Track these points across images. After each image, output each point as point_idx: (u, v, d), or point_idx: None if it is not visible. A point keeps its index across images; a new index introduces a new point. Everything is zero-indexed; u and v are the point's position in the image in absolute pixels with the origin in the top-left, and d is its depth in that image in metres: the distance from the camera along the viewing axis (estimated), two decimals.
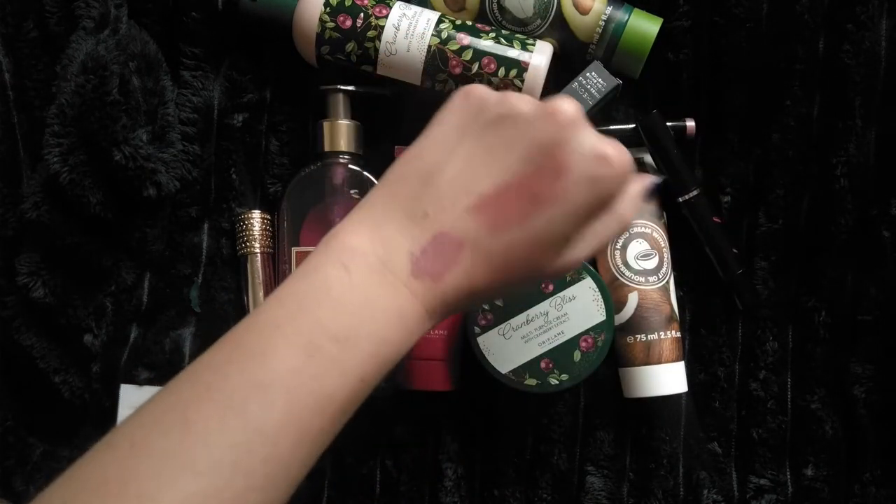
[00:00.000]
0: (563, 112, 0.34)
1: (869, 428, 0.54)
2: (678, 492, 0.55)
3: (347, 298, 0.33)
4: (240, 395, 0.31)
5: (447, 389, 0.53)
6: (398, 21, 0.50)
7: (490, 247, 0.34)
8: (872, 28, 0.52)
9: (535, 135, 0.34)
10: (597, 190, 0.34)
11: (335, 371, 0.32)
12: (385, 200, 0.35)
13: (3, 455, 0.54)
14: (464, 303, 0.36)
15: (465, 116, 0.35)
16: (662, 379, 0.52)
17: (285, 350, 0.32)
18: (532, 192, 0.34)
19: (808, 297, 0.55)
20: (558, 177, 0.33)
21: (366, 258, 0.34)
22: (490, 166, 0.34)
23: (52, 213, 0.50)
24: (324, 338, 0.32)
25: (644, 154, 0.55)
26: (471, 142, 0.35)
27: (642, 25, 0.51)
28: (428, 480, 0.56)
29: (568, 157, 0.33)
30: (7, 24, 0.53)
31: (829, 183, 0.53)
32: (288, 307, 0.33)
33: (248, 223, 0.55)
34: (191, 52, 0.54)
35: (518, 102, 0.35)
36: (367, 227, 0.35)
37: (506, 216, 0.34)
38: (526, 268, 0.35)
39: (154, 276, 0.55)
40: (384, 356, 0.34)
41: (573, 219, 0.34)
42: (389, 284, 0.34)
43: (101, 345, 0.52)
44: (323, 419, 0.32)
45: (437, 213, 0.34)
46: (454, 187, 0.34)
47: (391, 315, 0.34)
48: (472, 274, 0.34)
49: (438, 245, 0.34)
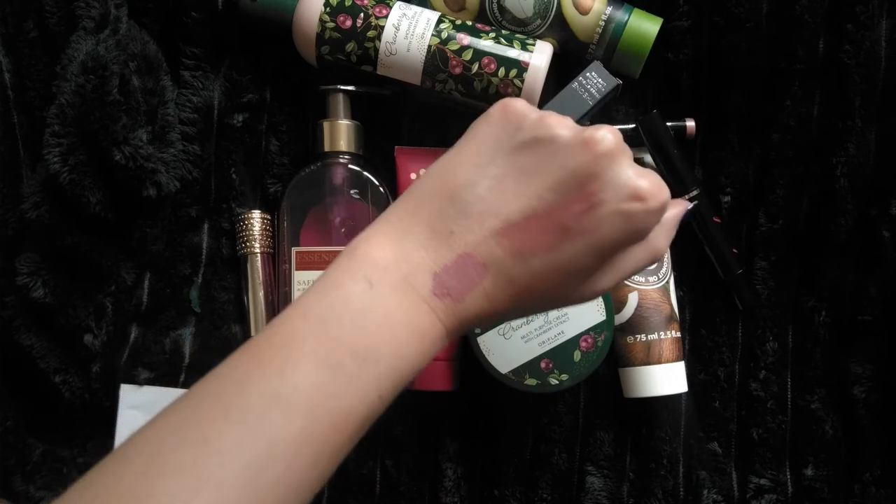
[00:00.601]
0: (601, 142, 0.33)
1: (869, 428, 0.54)
2: (678, 492, 0.55)
3: (369, 315, 0.32)
4: (258, 411, 0.30)
5: (447, 389, 0.53)
6: (398, 21, 0.50)
7: (513, 273, 0.33)
8: (872, 28, 0.52)
9: (569, 163, 0.33)
10: (629, 226, 0.33)
11: (354, 387, 0.32)
12: (411, 213, 0.34)
13: (3, 455, 0.54)
14: (484, 323, 0.35)
15: (500, 133, 0.34)
16: (662, 379, 0.52)
17: (306, 365, 0.31)
18: (560, 223, 0.33)
19: (808, 297, 0.55)
20: (589, 210, 0.33)
21: (389, 273, 0.33)
22: (520, 191, 0.33)
23: (52, 213, 0.50)
24: (344, 354, 0.32)
25: (644, 154, 0.55)
26: (503, 162, 0.34)
27: (642, 25, 0.51)
28: (428, 480, 0.56)
29: (600, 190, 0.32)
30: (7, 24, 0.53)
31: (829, 183, 0.53)
32: (308, 321, 0.32)
33: (248, 223, 0.55)
34: (191, 52, 0.54)
35: (557, 126, 0.33)
36: (392, 239, 0.34)
37: (532, 244, 0.33)
38: (549, 295, 0.35)
39: (154, 276, 0.55)
40: (402, 373, 0.33)
41: (600, 253, 0.34)
42: (411, 302, 0.33)
43: (101, 345, 0.52)
44: (341, 436, 0.32)
45: (462, 233, 0.33)
46: (482, 208, 0.33)
47: (411, 333, 0.33)
48: (494, 297, 0.34)
49: (462, 266, 0.33)
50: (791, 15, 0.52)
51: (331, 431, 0.31)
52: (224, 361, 0.32)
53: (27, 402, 0.55)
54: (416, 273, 0.33)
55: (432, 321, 0.34)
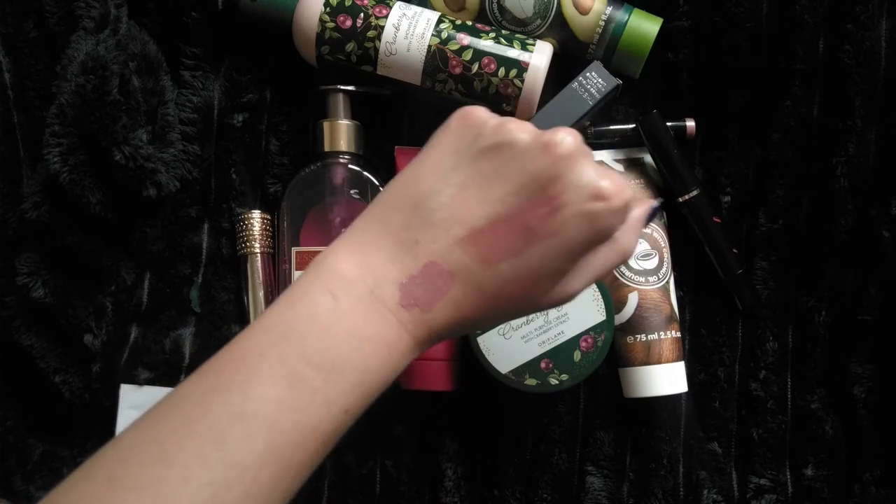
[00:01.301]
0: (561, 144, 0.33)
1: (869, 428, 0.54)
2: (678, 492, 0.55)
3: (334, 328, 0.32)
4: (219, 428, 0.30)
5: (447, 389, 0.53)
6: (398, 21, 0.50)
7: (481, 279, 0.33)
8: (872, 28, 0.52)
9: (530, 167, 0.33)
10: (593, 226, 0.33)
11: (319, 402, 0.31)
12: (376, 225, 0.34)
13: (3, 455, 0.54)
14: (454, 332, 0.35)
15: (461, 140, 0.34)
16: (662, 379, 0.52)
17: (268, 380, 0.31)
18: (526, 227, 0.33)
19: (808, 297, 0.55)
20: (553, 213, 0.33)
21: (354, 286, 0.33)
22: (484, 197, 0.33)
23: (52, 213, 0.50)
24: (308, 368, 0.31)
25: (644, 154, 0.55)
26: (465, 169, 0.34)
27: (642, 25, 0.51)
28: (428, 480, 0.56)
29: (563, 192, 0.32)
30: (7, 24, 0.53)
31: (829, 183, 0.53)
32: (273, 335, 0.32)
33: (248, 223, 0.55)
34: (191, 52, 0.54)
35: (516, 131, 0.33)
36: (357, 253, 0.34)
37: (498, 249, 0.33)
38: (519, 300, 0.34)
39: (154, 276, 0.55)
40: (369, 386, 0.33)
41: (568, 254, 0.33)
42: (377, 314, 0.33)
43: (101, 345, 0.52)
44: (305, 452, 0.31)
45: (427, 242, 0.33)
46: (446, 216, 0.33)
47: (378, 345, 0.33)
48: (462, 305, 0.34)
49: (428, 275, 0.33)
50: (791, 15, 0.52)
51: (294, 448, 0.31)
52: (188, 378, 0.32)
53: (27, 402, 0.55)
54: (382, 285, 0.33)
55: (399, 333, 0.33)
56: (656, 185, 0.55)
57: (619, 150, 0.55)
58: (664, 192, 0.55)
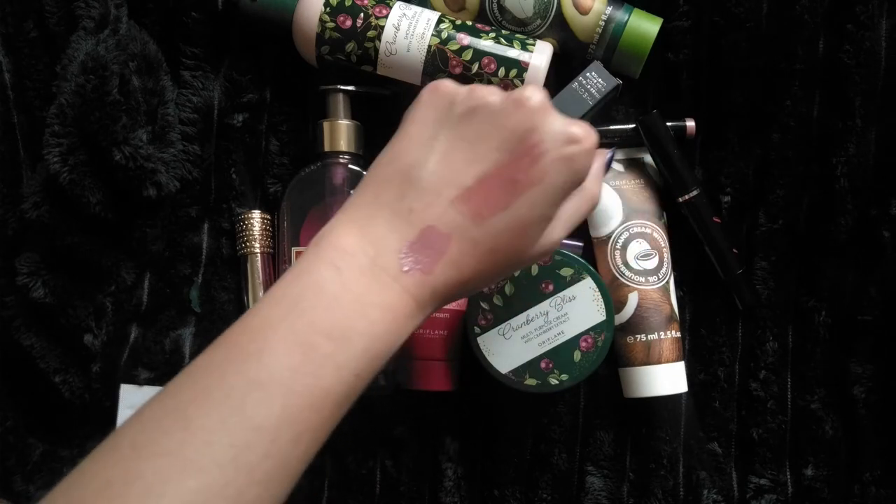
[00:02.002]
0: (531, 98, 0.35)
1: (869, 428, 0.54)
2: (678, 492, 0.55)
3: (340, 298, 0.34)
4: (238, 394, 0.31)
5: (447, 389, 0.53)
6: (398, 21, 0.50)
7: (476, 236, 0.35)
8: (872, 28, 0.52)
9: (507, 123, 0.35)
10: (572, 168, 0.36)
11: (330, 367, 0.33)
12: (370, 200, 0.36)
13: (3, 455, 0.54)
14: (454, 294, 0.37)
15: (437, 111, 0.37)
16: (662, 379, 0.52)
17: (281, 348, 0.32)
18: (512, 179, 0.35)
19: (808, 297, 0.55)
20: (535, 161, 0.35)
21: (356, 258, 0.35)
22: (469, 158, 0.35)
23: (52, 213, 0.50)
24: (318, 336, 0.33)
25: (644, 154, 0.55)
26: (447, 135, 0.36)
27: (642, 25, 0.51)
28: (428, 480, 0.56)
29: (541, 140, 0.35)
30: (7, 24, 0.53)
31: (829, 183, 0.53)
32: (282, 307, 0.34)
33: (248, 223, 0.55)
34: (191, 52, 0.54)
35: (486, 94, 0.36)
36: (357, 226, 0.36)
37: (490, 204, 0.35)
38: (511, 253, 0.36)
39: (154, 276, 0.55)
40: (377, 351, 0.34)
41: (553, 199, 0.36)
42: (380, 283, 0.35)
43: (101, 345, 0.52)
44: (321, 415, 0.33)
45: (422, 208, 0.35)
46: (436, 182, 0.35)
47: (383, 312, 0.34)
48: (461, 264, 0.35)
49: (426, 239, 0.35)
50: (791, 15, 0.52)
51: (310, 411, 0.32)
52: (203, 352, 0.33)
53: (27, 402, 0.55)
54: (383, 254, 0.35)
55: (403, 298, 0.35)
56: (656, 185, 0.55)
57: (619, 150, 0.55)
58: (664, 192, 0.55)
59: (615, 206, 0.54)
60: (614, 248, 0.53)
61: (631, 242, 0.53)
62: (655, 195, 0.54)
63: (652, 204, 0.54)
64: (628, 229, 0.53)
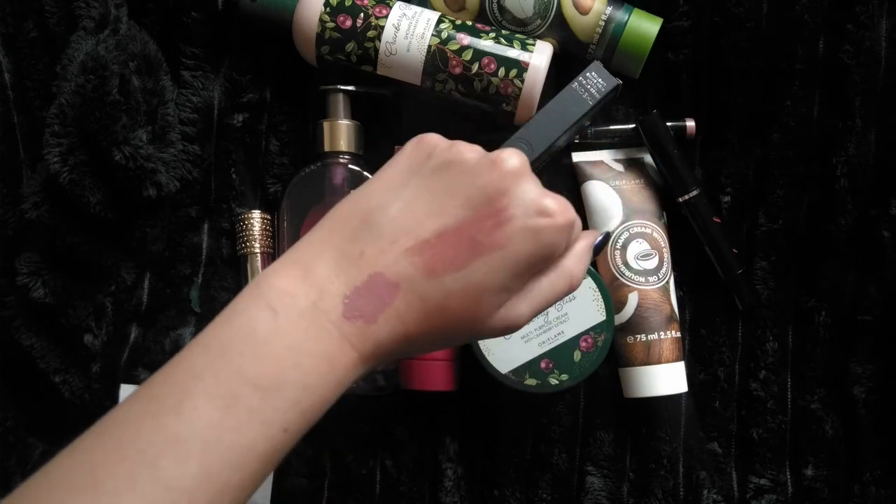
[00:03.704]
0: (508, 160, 0.34)
1: (869, 428, 0.54)
2: (678, 492, 0.55)
3: (273, 343, 0.31)
4: (153, 452, 0.29)
5: (447, 389, 0.53)
6: (398, 21, 0.50)
7: (426, 291, 0.33)
8: (872, 28, 0.52)
9: (478, 181, 0.34)
10: (538, 242, 0.34)
11: (256, 421, 0.31)
12: (322, 239, 0.34)
13: (3, 455, 0.54)
14: (399, 349, 0.34)
15: (413, 161, 0.35)
16: (662, 379, 0.52)
17: (202, 401, 0.30)
18: (472, 239, 0.33)
19: (808, 297, 0.55)
20: (499, 225, 0.33)
21: (295, 300, 0.32)
22: (432, 210, 0.34)
23: (52, 213, 0.50)
24: (245, 386, 0.31)
25: (644, 154, 0.55)
26: (416, 185, 0.34)
27: (642, 25, 0.51)
28: (428, 480, 0.56)
29: (509, 205, 0.33)
30: (7, 24, 0.53)
31: (829, 183, 0.53)
32: (209, 354, 0.31)
33: (248, 223, 0.55)
34: (191, 52, 0.54)
35: (465, 150, 0.35)
36: (300, 267, 0.33)
37: (444, 260, 0.33)
38: (463, 318, 0.34)
39: (154, 276, 0.55)
40: (310, 405, 0.32)
41: (513, 269, 0.34)
42: (319, 328, 0.32)
43: (101, 345, 0.52)
44: (243, 473, 0.30)
45: (374, 253, 0.33)
46: (394, 228, 0.34)
47: (319, 361, 0.32)
48: (406, 317, 0.33)
49: (373, 286, 0.33)
50: (791, 15, 0.52)
51: (231, 469, 0.30)
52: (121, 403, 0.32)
53: (27, 402, 0.55)
54: (326, 297, 0.33)
55: (342, 347, 0.33)
56: (656, 185, 0.55)
57: (619, 150, 0.55)
58: (664, 192, 0.55)
59: (615, 206, 0.54)
60: (614, 248, 0.53)
61: (631, 242, 0.53)
62: (655, 195, 0.54)
63: (652, 204, 0.54)
64: (628, 229, 0.53)
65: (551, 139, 0.50)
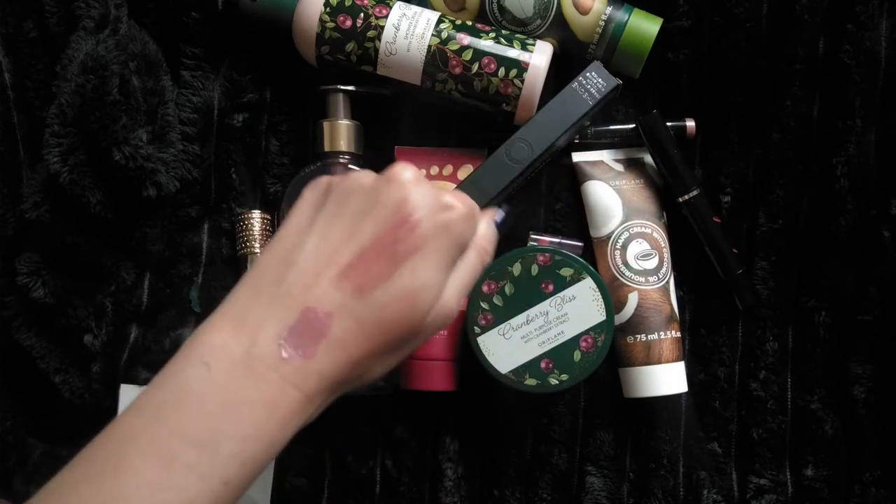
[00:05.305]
0: (401, 172, 0.36)
1: (869, 428, 0.54)
2: (678, 492, 0.55)
3: (208, 398, 0.32)
4: None
5: (447, 389, 0.53)
6: (398, 21, 0.50)
7: (360, 312, 0.34)
8: (872, 28, 0.52)
9: (380, 198, 0.35)
10: (450, 234, 0.36)
11: (194, 478, 0.31)
12: (248, 290, 0.35)
13: (3, 455, 0.54)
14: (346, 376, 0.35)
15: (315, 200, 0.37)
16: (662, 379, 0.52)
17: (139, 462, 0.30)
18: (390, 249, 0.35)
19: (808, 297, 0.55)
20: (412, 229, 0.35)
21: (228, 352, 0.33)
22: (346, 235, 0.35)
23: (52, 213, 0.50)
24: (181, 444, 0.31)
25: (644, 154, 0.55)
26: (324, 219, 0.36)
27: (642, 25, 0.51)
28: (428, 480, 0.56)
29: (414, 210, 0.35)
30: (7, 24, 0.53)
31: (829, 183, 0.53)
32: (145, 416, 0.32)
33: (248, 223, 0.55)
34: (191, 52, 0.54)
35: (360, 176, 0.37)
36: (231, 320, 0.34)
37: (370, 277, 0.34)
38: (401, 325, 0.35)
39: (154, 276, 0.55)
40: (251, 455, 0.32)
41: (436, 264, 0.36)
42: (256, 375, 0.33)
43: (101, 345, 0.52)
44: None
45: (300, 290, 0.34)
46: (315, 261, 0.35)
47: (257, 409, 0.32)
48: (347, 343, 0.34)
49: (306, 321, 0.34)
50: (791, 15, 0.52)
51: None
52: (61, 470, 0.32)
53: (27, 402, 0.55)
54: (260, 344, 0.33)
55: (283, 389, 0.33)
56: (656, 185, 0.55)
57: (619, 150, 0.55)
58: (664, 192, 0.55)
59: (615, 206, 0.54)
60: (614, 248, 0.53)
61: (631, 242, 0.53)
62: (655, 195, 0.54)
63: (652, 204, 0.54)
64: (628, 229, 0.53)
65: (551, 139, 0.50)
